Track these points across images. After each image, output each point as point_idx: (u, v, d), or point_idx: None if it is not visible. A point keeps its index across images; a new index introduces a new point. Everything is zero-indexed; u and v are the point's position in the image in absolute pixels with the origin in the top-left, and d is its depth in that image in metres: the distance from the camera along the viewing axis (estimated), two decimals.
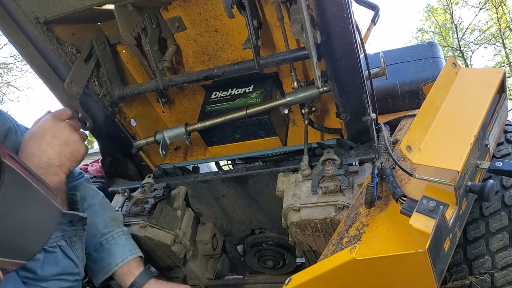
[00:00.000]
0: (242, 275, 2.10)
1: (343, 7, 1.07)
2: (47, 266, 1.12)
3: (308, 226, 1.33)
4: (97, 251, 1.41)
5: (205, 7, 1.48)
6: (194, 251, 1.73)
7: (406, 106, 1.94)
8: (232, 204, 1.69)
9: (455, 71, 1.34)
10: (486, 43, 16.97)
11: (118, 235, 1.45)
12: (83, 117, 1.46)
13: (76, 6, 1.26)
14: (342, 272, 1.02)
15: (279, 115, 1.70)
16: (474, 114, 1.16)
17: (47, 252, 1.13)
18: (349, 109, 1.35)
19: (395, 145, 1.39)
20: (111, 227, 1.45)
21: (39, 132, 1.19)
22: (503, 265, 1.23)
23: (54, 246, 1.15)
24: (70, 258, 1.19)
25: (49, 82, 1.36)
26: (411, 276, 1.02)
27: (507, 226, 1.27)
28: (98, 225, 1.42)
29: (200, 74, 1.44)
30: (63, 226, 1.18)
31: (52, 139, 1.18)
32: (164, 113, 1.94)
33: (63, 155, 1.19)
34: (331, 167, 1.33)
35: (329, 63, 1.23)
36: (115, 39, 1.57)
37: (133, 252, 1.44)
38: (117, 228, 1.46)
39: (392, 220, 1.11)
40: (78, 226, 1.23)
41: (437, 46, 2.10)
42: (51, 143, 1.18)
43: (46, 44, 1.34)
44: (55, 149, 1.18)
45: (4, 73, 17.19)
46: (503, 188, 1.35)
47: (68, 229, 1.20)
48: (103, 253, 1.41)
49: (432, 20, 19.03)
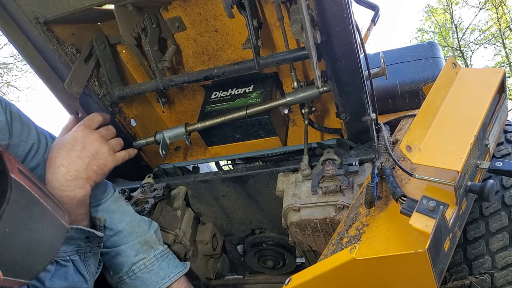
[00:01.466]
0: (242, 275, 2.11)
1: (343, 7, 1.07)
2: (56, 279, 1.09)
3: (308, 226, 1.33)
4: (130, 278, 1.34)
5: (205, 7, 1.48)
6: (194, 251, 1.73)
7: (406, 106, 1.94)
8: (232, 204, 1.70)
9: (455, 71, 1.34)
10: (486, 43, 16.96)
11: (150, 262, 1.35)
12: (83, 117, 1.46)
13: (76, 6, 1.26)
14: (342, 272, 1.02)
15: (279, 115, 1.70)
16: (474, 114, 1.16)
17: (59, 265, 1.11)
18: (349, 109, 1.35)
19: (395, 145, 1.39)
20: (142, 253, 1.35)
21: (70, 143, 1.17)
22: (503, 265, 1.23)
23: (67, 260, 1.12)
24: (81, 273, 1.16)
25: (49, 82, 1.36)
26: (411, 276, 1.02)
27: (507, 226, 1.27)
28: (129, 254, 1.33)
29: (200, 74, 1.44)
30: (78, 241, 1.15)
31: (82, 151, 1.16)
32: (164, 113, 1.94)
33: (90, 168, 1.16)
34: (331, 167, 1.33)
35: (329, 63, 1.23)
36: (115, 39, 1.57)
37: (166, 280, 1.34)
38: (150, 253, 1.36)
39: (392, 220, 1.11)
40: (94, 243, 1.20)
41: (437, 46, 2.10)
42: (81, 155, 1.15)
43: (46, 44, 1.34)
44: (84, 161, 1.15)
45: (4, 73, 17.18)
46: (503, 188, 1.35)
47: (84, 244, 1.17)
48: (136, 281, 1.34)
49: (432, 20, 19.02)
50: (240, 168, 1.63)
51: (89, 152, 1.18)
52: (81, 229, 1.14)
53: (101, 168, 1.20)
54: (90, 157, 1.17)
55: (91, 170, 1.16)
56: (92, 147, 1.19)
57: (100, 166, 1.20)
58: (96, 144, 1.20)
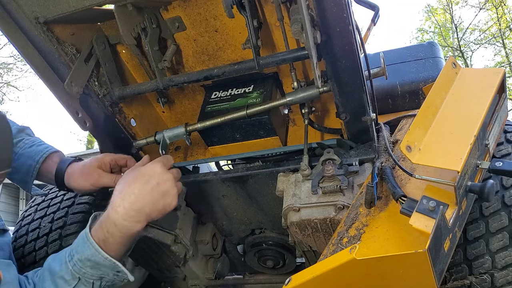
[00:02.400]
0: (242, 275, 2.10)
1: (343, 7, 1.07)
2: None
3: (308, 226, 1.33)
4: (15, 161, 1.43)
5: (205, 7, 1.48)
6: (194, 251, 1.73)
7: (406, 106, 1.94)
8: (232, 204, 1.69)
9: (455, 71, 1.34)
10: (486, 43, 16.97)
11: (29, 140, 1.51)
12: (83, 117, 1.46)
13: (76, 6, 1.26)
14: (342, 272, 1.02)
15: (279, 115, 1.69)
16: (474, 114, 1.16)
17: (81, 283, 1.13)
18: (349, 109, 1.35)
19: (395, 145, 1.39)
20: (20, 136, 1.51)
21: (147, 175, 1.21)
22: (503, 265, 1.23)
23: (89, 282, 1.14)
24: None
25: (49, 82, 1.36)
26: (411, 276, 1.02)
27: (507, 226, 1.27)
28: None
29: (200, 74, 1.44)
30: (108, 270, 1.15)
31: (156, 186, 1.19)
32: (164, 113, 1.94)
33: (156, 205, 1.19)
34: (331, 167, 1.33)
35: (329, 63, 1.23)
36: (115, 39, 1.57)
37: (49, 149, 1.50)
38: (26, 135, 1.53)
39: (392, 220, 1.11)
40: (119, 278, 1.19)
41: (437, 46, 2.10)
42: (154, 190, 1.19)
43: (46, 44, 1.34)
44: (154, 197, 1.18)
45: (4, 73, 17.20)
46: (503, 188, 1.34)
47: (111, 276, 1.17)
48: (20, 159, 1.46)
49: (432, 20, 19.04)
50: (240, 168, 1.63)
51: (161, 189, 1.20)
52: (115, 264, 1.15)
53: (165, 208, 1.22)
54: (160, 194, 1.20)
55: (155, 207, 1.19)
56: (165, 185, 1.21)
57: (165, 206, 1.22)
58: (169, 183, 1.23)
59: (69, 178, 1.45)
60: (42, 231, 1.80)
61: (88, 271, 1.13)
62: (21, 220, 1.94)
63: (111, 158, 1.49)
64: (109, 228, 1.14)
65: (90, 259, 1.12)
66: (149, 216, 1.19)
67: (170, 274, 1.82)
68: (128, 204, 1.15)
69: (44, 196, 1.97)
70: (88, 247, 1.13)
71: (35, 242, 1.78)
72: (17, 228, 1.90)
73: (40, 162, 1.46)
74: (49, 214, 1.86)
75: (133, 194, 1.16)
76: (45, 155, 1.48)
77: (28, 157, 1.47)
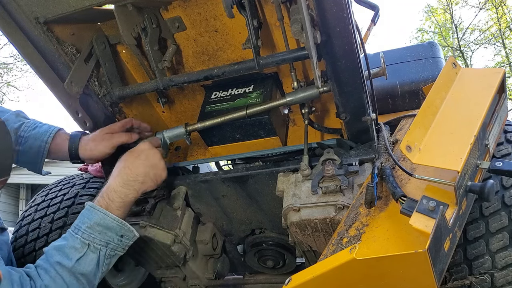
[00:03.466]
0: (242, 275, 2.10)
1: (343, 7, 1.07)
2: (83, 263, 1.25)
3: (308, 226, 1.33)
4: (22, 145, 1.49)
5: (205, 7, 1.48)
6: (194, 251, 1.73)
7: (406, 106, 1.93)
8: (232, 204, 1.69)
9: (455, 71, 1.34)
10: (486, 43, 16.97)
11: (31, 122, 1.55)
12: (83, 117, 1.46)
13: (76, 6, 1.26)
14: (342, 272, 1.02)
15: (279, 115, 1.69)
16: (474, 114, 1.16)
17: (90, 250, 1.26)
18: (349, 109, 1.35)
19: (395, 145, 1.39)
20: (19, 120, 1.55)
21: (137, 152, 1.42)
22: (503, 265, 1.23)
23: (97, 248, 1.27)
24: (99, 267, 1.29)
25: (49, 82, 1.36)
26: (411, 276, 1.02)
27: (507, 226, 1.27)
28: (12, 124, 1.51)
29: (200, 74, 1.44)
30: (113, 235, 1.31)
31: (145, 159, 1.40)
32: (164, 113, 1.94)
33: (148, 175, 1.39)
34: (331, 167, 1.33)
35: (329, 63, 1.23)
36: (115, 39, 1.57)
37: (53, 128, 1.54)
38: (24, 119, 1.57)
39: (392, 220, 1.11)
40: (124, 242, 1.34)
41: (437, 46, 2.10)
42: (144, 162, 1.39)
43: (46, 44, 1.34)
44: (145, 169, 1.38)
45: (4, 73, 17.19)
46: (503, 188, 1.34)
47: (116, 241, 1.32)
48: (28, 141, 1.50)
49: (432, 20, 19.04)
50: (240, 168, 1.63)
51: (151, 161, 1.41)
52: (122, 223, 1.32)
53: (156, 178, 1.42)
54: (150, 166, 1.40)
55: (147, 177, 1.39)
56: (153, 158, 1.42)
57: (156, 176, 1.42)
58: (157, 156, 1.43)
59: (84, 149, 1.52)
60: (42, 231, 1.81)
61: (97, 236, 1.27)
62: (21, 220, 1.94)
63: (118, 125, 1.57)
64: (110, 195, 1.32)
65: (100, 223, 1.28)
66: (143, 184, 1.38)
67: (170, 274, 1.82)
68: (125, 174, 1.36)
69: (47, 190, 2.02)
70: (96, 213, 1.29)
71: (35, 242, 1.79)
72: (17, 228, 1.90)
73: (49, 142, 1.52)
74: (49, 214, 1.87)
75: (127, 167, 1.37)
76: (52, 134, 1.53)
77: (35, 139, 1.51)
